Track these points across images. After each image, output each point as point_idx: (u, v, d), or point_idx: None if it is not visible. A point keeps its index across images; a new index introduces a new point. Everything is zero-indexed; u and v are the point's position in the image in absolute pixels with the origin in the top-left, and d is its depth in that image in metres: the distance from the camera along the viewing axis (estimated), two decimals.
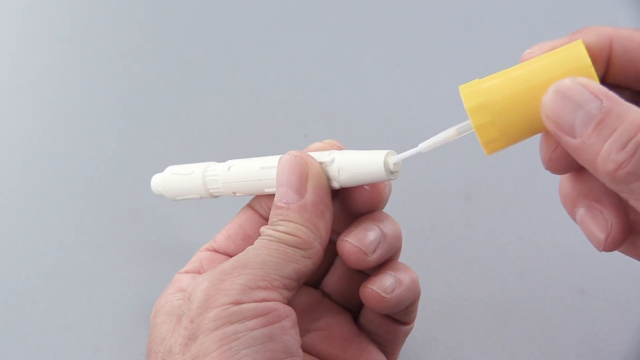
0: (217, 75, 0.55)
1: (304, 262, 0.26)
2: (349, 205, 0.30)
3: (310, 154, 0.29)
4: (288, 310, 0.25)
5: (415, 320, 0.32)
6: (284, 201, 0.27)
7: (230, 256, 0.30)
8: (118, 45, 0.58)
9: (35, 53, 0.58)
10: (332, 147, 0.30)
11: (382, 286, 0.28)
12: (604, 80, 0.24)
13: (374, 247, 0.28)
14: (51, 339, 0.38)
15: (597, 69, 0.23)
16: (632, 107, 0.21)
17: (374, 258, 0.28)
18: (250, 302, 0.24)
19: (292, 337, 0.25)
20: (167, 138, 0.50)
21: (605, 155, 0.21)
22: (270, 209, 0.30)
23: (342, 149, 0.29)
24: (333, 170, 0.28)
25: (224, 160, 0.33)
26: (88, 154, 0.49)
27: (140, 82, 0.55)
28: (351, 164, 0.28)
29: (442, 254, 0.41)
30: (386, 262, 0.29)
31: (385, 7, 0.60)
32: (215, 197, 0.33)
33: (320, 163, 0.28)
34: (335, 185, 0.28)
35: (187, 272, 0.30)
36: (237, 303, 0.24)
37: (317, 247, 0.27)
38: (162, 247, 0.43)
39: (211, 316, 0.24)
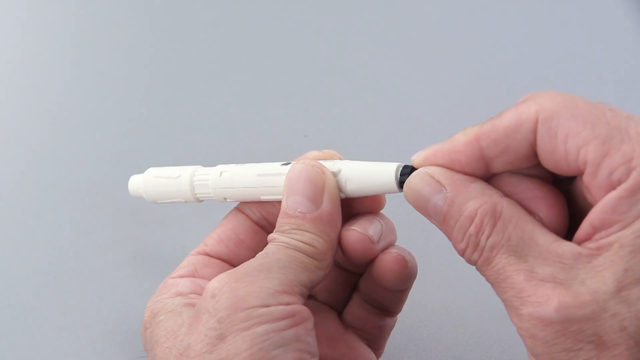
0: (217, 76, 0.55)
1: (317, 273, 0.27)
2: (348, 209, 0.30)
3: None
4: (309, 313, 0.26)
5: (415, 320, 0.32)
6: (299, 210, 0.27)
7: (224, 260, 0.31)
8: (118, 46, 0.58)
9: (35, 55, 0.58)
10: (331, 158, 0.30)
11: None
12: (492, 174, 0.25)
13: (378, 237, 0.28)
14: (49, 340, 0.38)
15: (477, 168, 0.25)
16: (471, 193, 0.24)
17: (379, 247, 0.28)
18: (278, 305, 0.25)
19: (313, 338, 0.25)
20: (165, 138, 0.50)
21: (454, 243, 0.25)
22: (261, 214, 0.31)
23: (341, 160, 0.29)
24: (340, 181, 0.28)
25: (218, 161, 0.32)
26: (84, 157, 0.49)
27: (140, 82, 0.55)
28: (360, 176, 0.28)
29: (441, 254, 0.41)
30: None
31: (386, 8, 0.60)
32: (201, 201, 0.33)
33: None
34: (342, 195, 0.28)
35: (181, 277, 0.30)
36: (267, 305, 0.24)
37: (330, 259, 0.28)
38: (152, 251, 0.43)
39: (242, 317, 0.24)
